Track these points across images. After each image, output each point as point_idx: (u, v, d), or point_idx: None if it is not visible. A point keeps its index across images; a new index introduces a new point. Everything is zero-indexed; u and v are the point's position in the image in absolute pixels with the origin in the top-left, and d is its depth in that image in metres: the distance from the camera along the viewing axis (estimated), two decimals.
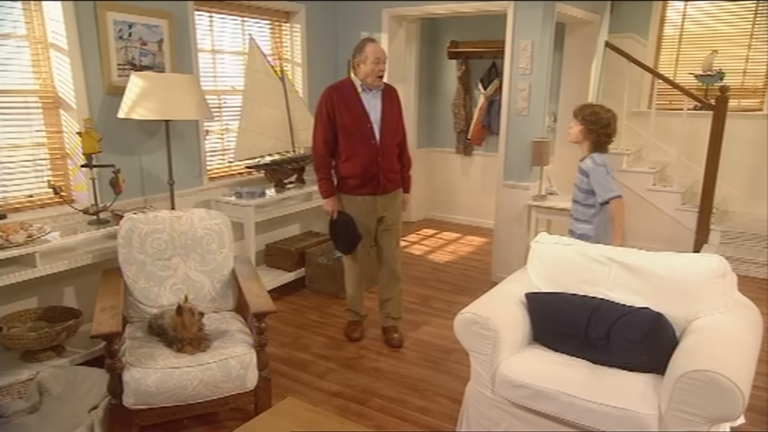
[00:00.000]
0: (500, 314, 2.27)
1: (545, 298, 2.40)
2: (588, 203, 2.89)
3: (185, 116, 3.13)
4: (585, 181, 2.88)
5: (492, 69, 5.73)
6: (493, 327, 2.19)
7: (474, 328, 2.23)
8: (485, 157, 6.03)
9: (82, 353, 2.86)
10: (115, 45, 3.11)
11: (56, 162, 3.09)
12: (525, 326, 2.36)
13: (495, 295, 2.49)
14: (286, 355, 3.24)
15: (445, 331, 3.56)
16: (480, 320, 2.21)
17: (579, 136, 2.87)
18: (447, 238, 5.78)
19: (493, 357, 2.21)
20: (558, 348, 2.30)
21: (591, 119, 2.82)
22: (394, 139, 3.12)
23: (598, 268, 2.40)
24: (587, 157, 2.89)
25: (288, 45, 4.53)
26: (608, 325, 2.18)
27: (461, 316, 2.27)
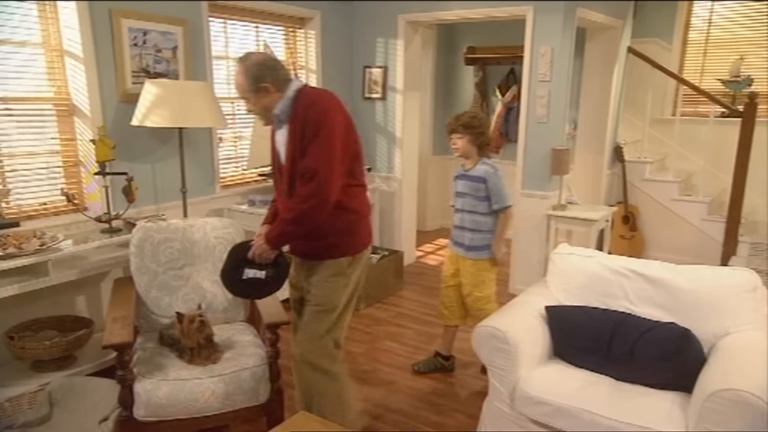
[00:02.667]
0: (519, 327, 2.25)
1: (566, 312, 2.37)
2: (487, 212, 2.90)
3: (199, 124, 3.16)
4: (482, 188, 2.87)
5: (510, 75, 5.72)
6: (512, 341, 2.17)
7: (492, 341, 2.21)
8: (502, 166, 5.72)
9: (93, 363, 2.88)
10: (129, 52, 3.16)
11: (69, 169, 3.14)
12: (545, 340, 2.34)
13: (514, 307, 2.47)
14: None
15: (461, 344, 3.52)
16: (498, 334, 2.19)
17: (467, 146, 2.87)
18: None
19: (512, 372, 2.19)
20: (579, 363, 2.27)
21: (473, 124, 2.84)
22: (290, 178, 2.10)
23: (621, 281, 2.37)
24: (479, 163, 2.89)
25: (302, 52, 4.57)
26: (632, 340, 2.15)
27: (479, 329, 2.26)
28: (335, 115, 2.00)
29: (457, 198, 3.01)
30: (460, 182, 2.97)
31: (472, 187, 2.89)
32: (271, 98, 2.06)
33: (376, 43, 4.75)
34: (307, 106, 1.99)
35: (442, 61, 6.13)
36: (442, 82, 6.21)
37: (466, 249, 2.98)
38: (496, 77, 5.83)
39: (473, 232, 2.94)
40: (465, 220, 2.95)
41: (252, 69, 2.03)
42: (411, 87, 4.78)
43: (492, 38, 5.72)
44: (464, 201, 2.95)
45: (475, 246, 2.94)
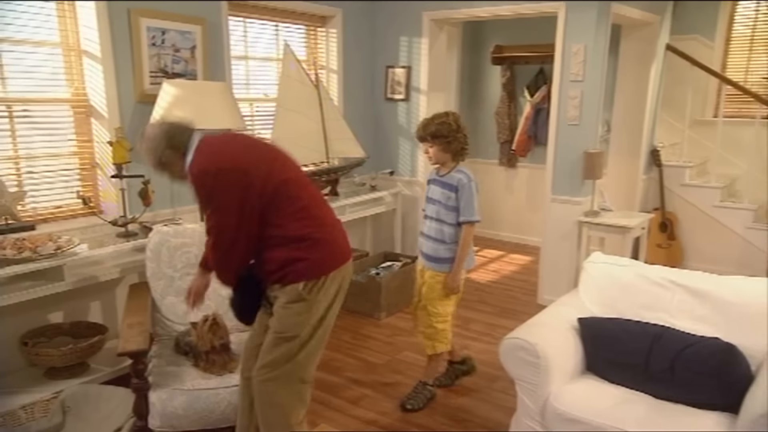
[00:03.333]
0: (550, 340, 2.21)
1: (600, 324, 2.33)
2: (453, 223, 2.80)
3: (217, 125, 3.19)
4: (452, 197, 2.77)
5: (539, 75, 5.67)
6: (542, 353, 2.14)
7: (521, 354, 2.18)
8: (531, 170, 5.96)
9: (107, 371, 2.92)
10: (147, 52, 3.22)
11: (85, 172, 3.20)
12: (577, 354, 2.30)
13: (544, 318, 2.43)
14: (316, 377, 3.16)
15: (487, 356, 3.49)
16: (528, 346, 2.16)
17: (439, 154, 2.77)
18: (489, 255, 5.72)
19: (542, 387, 2.16)
20: (615, 380, 2.22)
21: (441, 133, 2.71)
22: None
23: (659, 292, 2.33)
24: (453, 170, 2.80)
25: (323, 51, 4.60)
26: (672, 356, 2.10)
27: (507, 341, 2.23)
28: (227, 177, 1.92)
29: (428, 204, 2.92)
30: (432, 187, 2.88)
31: (443, 195, 2.80)
32: (179, 165, 2.03)
33: (399, 42, 4.76)
34: (196, 175, 1.95)
35: (467, 60, 6.11)
36: (468, 82, 6.19)
37: (431, 260, 2.87)
38: (525, 77, 5.79)
39: (437, 242, 2.83)
40: (433, 229, 2.85)
41: (148, 145, 2.06)
42: (435, 88, 4.78)
43: (520, 36, 5.69)
44: (434, 209, 2.85)
45: (439, 257, 2.83)
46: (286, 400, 2.07)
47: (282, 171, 2.04)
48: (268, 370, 2.04)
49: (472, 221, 2.79)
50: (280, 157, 2.09)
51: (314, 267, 2.02)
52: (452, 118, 2.76)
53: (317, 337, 2.08)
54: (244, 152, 2.02)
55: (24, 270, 2.53)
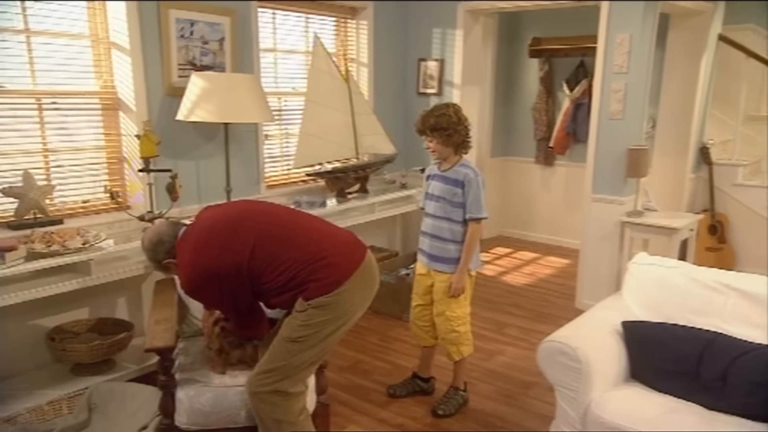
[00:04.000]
0: (592, 344, 2.18)
1: (646, 329, 2.28)
2: (460, 220, 2.77)
3: (246, 119, 3.24)
4: (459, 193, 2.73)
5: (579, 68, 5.61)
6: (583, 358, 2.11)
7: (561, 358, 2.15)
8: (569, 168, 5.89)
9: (133, 369, 2.98)
10: (176, 44, 3.28)
11: (113, 166, 3.28)
12: (621, 360, 2.26)
13: (585, 322, 2.40)
14: (344, 381, 3.25)
15: (523, 362, 3.46)
16: (568, 350, 2.13)
17: (441, 148, 2.74)
18: (523, 258, 5.68)
19: (584, 394, 2.12)
20: (662, 388, 2.18)
21: (441, 125, 2.69)
22: None
23: (711, 296, 2.27)
24: (458, 165, 2.77)
25: (353, 44, 4.62)
26: (725, 363, 2.05)
27: (546, 344, 2.21)
28: (206, 286, 2.15)
29: (428, 201, 2.88)
30: (433, 183, 2.85)
31: (448, 191, 2.77)
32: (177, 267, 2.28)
33: (432, 34, 4.75)
34: (186, 291, 2.26)
35: (503, 53, 6.07)
36: (504, 76, 6.15)
37: (439, 260, 2.84)
38: (564, 71, 5.73)
39: (447, 242, 2.80)
40: (439, 228, 2.82)
41: (148, 254, 2.34)
42: (469, 81, 4.75)
43: (560, 28, 5.63)
44: (437, 206, 2.81)
45: (451, 257, 2.80)
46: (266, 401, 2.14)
47: (246, 242, 2.14)
48: (262, 377, 2.12)
49: (479, 218, 2.76)
50: (243, 223, 2.20)
51: (315, 290, 2.11)
52: (452, 109, 2.74)
53: (316, 349, 2.14)
54: (207, 252, 2.15)
55: (52, 264, 2.59)
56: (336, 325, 2.15)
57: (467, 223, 2.77)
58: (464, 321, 2.89)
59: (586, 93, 5.43)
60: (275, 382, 2.11)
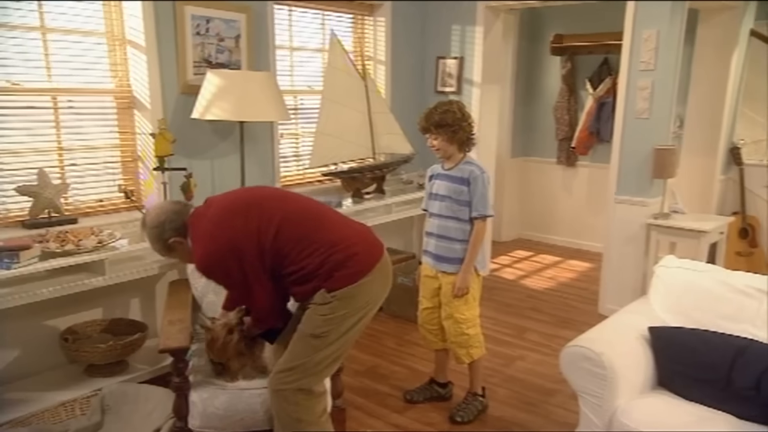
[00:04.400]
0: (617, 349, 2.15)
1: (674, 334, 2.25)
2: (467, 218, 2.78)
3: (262, 117, 3.25)
4: (465, 191, 2.74)
5: (603, 66, 5.58)
6: (608, 364, 2.08)
7: (585, 364, 2.13)
8: (592, 169, 5.86)
9: (146, 370, 3.00)
10: (191, 41, 3.30)
11: (127, 165, 3.31)
12: (648, 366, 2.23)
13: (610, 326, 2.37)
14: (360, 385, 3.25)
15: (544, 368, 3.43)
16: (593, 355, 2.11)
17: (446, 146, 2.75)
18: (544, 261, 5.66)
19: (609, 401, 2.10)
20: (691, 396, 2.14)
21: (446, 122, 2.69)
22: None
23: (743, 301, 2.23)
24: (462, 162, 2.78)
25: (371, 41, 4.63)
26: (758, 372, 2.01)
27: (569, 350, 2.18)
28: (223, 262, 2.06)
29: (432, 201, 2.88)
30: (437, 183, 2.85)
31: (454, 190, 2.77)
32: (186, 248, 2.18)
33: (451, 32, 4.74)
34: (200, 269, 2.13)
35: (524, 51, 6.05)
36: (525, 74, 6.13)
37: (445, 261, 2.83)
38: (587, 68, 5.70)
39: (454, 242, 2.80)
40: (445, 227, 2.81)
41: (152, 233, 2.19)
42: (489, 80, 4.74)
43: (583, 24, 5.59)
44: (443, 205, 2.81)
45: (458, 257, 2.80)
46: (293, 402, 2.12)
47: (271, 220, 2.09)
48: (285, 374, 2.10)
49: (485, 216, 2.77)
50: (265, 203, 2.15)
51: (341, 279, 2.09)
52: (456, 106, 2.76)
53: (337, 344, 2.13)
54: (229, 225, 2.08)
55: (66, 263, 2.62)
56: (356, 318, 2.13)
57: (472, 222, 2.78)
58: (474, 323, 2.88)
59: (610, 91, 5.40)
60: (298, 380, 2.09)
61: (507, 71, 5.86)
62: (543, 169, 6.21)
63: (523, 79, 6.13)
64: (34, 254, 2.57)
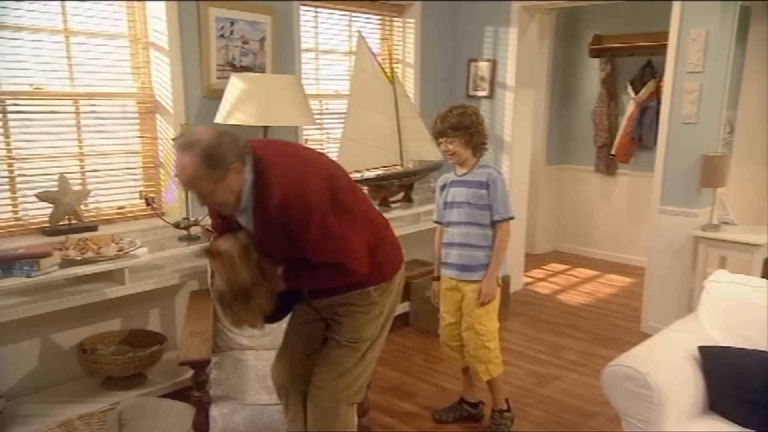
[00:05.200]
0: (664, 370, 2.10)
1: (727, 354, 2.19)
2: (487, 223, 2.78)
3: (287, 122, 3.28)
4: (484, 195, 2.75)
5: (646, 68, 5.51)
6: (654, 385, 2.03)
7: (629, 384, 2.09)
8: (633, 178, 5.79)
9: (165, 384, 3.03)
10: (215, 44, 3.35)
11: (149, 171, 3.37)
12: (697, 388, 2.17)
13: (655, 345, 2.33)
14: (386, 403, 3.23)
15: (582, 389, 3.37)
16: (637, 375, 2.06)
17: (461, 150, 2.75)
18: (581, 275, 5.60)
19: (655, 425, 2.05)
20: (745, 421, 2.08)
21: (464, 124, 2.70)
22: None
23: None
24: (477, 167, 2.80)
25: (399, 43, 4.65)
26: None
27: (612, 368, 2.14)
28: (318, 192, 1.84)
29: (448, 210, 2.87)
30: (452, 190, 2.85)
31: (473, 195, 2.77)
32: (238, 178, 1.84)
33: (484, 33, 4.73)
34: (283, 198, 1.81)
35: (561, 53, 6.02)
36: (561, 78, 6.10)
37: (469, 270, 2.82)
38: (629, 71, 5.63)
39: (476, 249, 2.80)
40: (466, 235, 2.80)
41: (211, 150, 1.75)
42: (524, 83, 4.71)
43: (624, 24, 5.54)
44: (462, 212, 2.81)
45: (481, 264, 2.80)
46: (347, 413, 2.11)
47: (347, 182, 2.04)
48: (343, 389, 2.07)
49: (508, 218, 2.78)
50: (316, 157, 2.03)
51: (384, 270, 2.10)
52: (471, 109, 2.79)
53: (380, 343, 2.17)
54: (318, 159, 1.98)
55: (86, 272, 2.67)
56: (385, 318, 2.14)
57: (494, 226, 2.78)
58: (494, 336, 2.86)
59: (654, 95, 5.33)
60: (357, 393, 2.12)
61: (542, 74, 5.83)
62: (580, 178, 6.15)
63: (560, 83, 6.09)
64: (54, 262, 2.62)
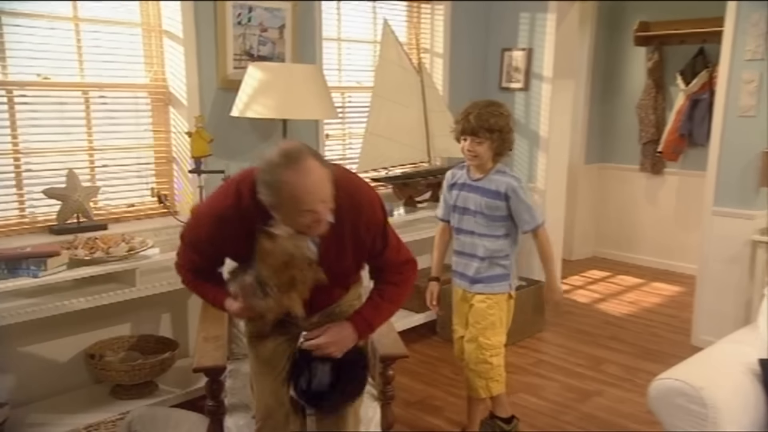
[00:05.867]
0: (720, 384, 2.07)
1: None
2: (501, 234, 2.78)
3: (307, 115, 3.30)
4: (502, 206, 2.71)
5: (698, 57, 5.45)
6: (709, 402, 2.00)
7: (680, 401, 2.05)
8: (682, 177, 5.73)
9: (177, 393, 3.07)
10: (232, 32, 3.39)
11: (161, 167, 3.41)
12: (758, 406, 2.13)
13: (709, 358, 2.29)
14: (412, 417, 3.23)
15: (626, 406, 3.35)
16: (690, 390, 2.03)
17: (487, 153, 2.68)
18: (624, 283, 5.57)
19: None
20: None
21: (499, 125, 2.62)
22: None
23: None
24: (493, 172, 2.73)
25: (427, 32, 4.65)
26: None
27: (661, 383, 2.11)
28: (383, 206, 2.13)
29: (459, 215, 2.81)
30: (464, 195, 2.78)
31: (487, 205, 2.72)
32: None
33: (519, 20, 4.72)
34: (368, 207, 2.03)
35: (603, 41, 5.99)
36: (603, 68, 6.06)
37: (472, 281, 2.81)
38: (678, 60, 5.58)
39: (484, 261, 2.78)
40: (477, 245, 2.78)
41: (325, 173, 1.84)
42: (562, 74, 4.68)
43: (673, 10, 5.48)
44: (474, 221, 2.76)
45: (489, 276, 2.78)
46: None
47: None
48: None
49: (539, 226, 2.78)
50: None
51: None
52: (506, 110, 2.71)
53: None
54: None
55: (95, 272, 2.71)
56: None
57: (533, 234, 2.78)
58: (498, 352, 2.83)
59: (707, 86, 5.27)
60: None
61: (582, 65, 5.80)
62: (623, 178, 6.10)
63: (602, 74, 6.06)
64: (62, 262, 2.67)
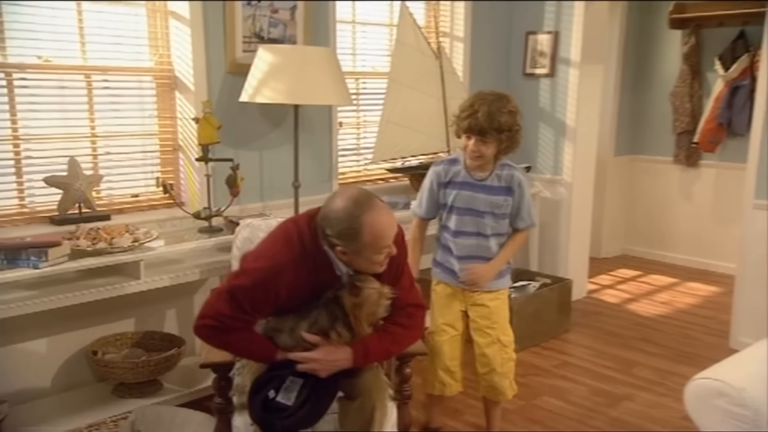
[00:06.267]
0: (763, 385, 2.02)
1: None
2: (505, 233, 2.80)
3: (320, 100, 3.28)
4: (507, 202, 2.72)
5: (738, 41, 5.41)
6: (751, 403, 1.95)
7: (719, 402, 2.01)
8: (720, 169, 5.69)
9: (182, 392, 3.07)
10: (242, 13, 3.38)
11: (167, 155, 3.42)
12: None
13: (750, 358, 2.24)
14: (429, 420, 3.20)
15: (659, 411, 3.33)
16: (731, 391, 1.98)
17: (491, 153, 2.67)
18: (656, 283, 5.55)
19: None
20: None
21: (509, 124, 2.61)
22: None
23: None
24: (498, 167, 2.73)
25: (447, 14, 4.62)
26: None
27: (698, 383, 2.07)
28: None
29: (459, 216, 2.77)
30: (466, 194, 2.74)
31: (496, 204, 2.71)
32: None
33: (544, 2, 4.69)
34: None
35: (635, 24, 5.96)
36: (635, 52, 6.04)
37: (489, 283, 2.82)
38: (717, 44, 5.54)
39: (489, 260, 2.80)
40: (484, 246, 2.76)
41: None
42: (591, 59, 4.65)
43: None
44: (482, 222, 2.73)
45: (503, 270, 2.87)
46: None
47: None
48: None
49: (531, 226, 2.84)
50: None
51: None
52: (514, 103, 2.67)
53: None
54: None
55: (97, 264, 2.71)
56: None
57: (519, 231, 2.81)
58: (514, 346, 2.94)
59: (747, 72, 5.24)
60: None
61: (612, 49, 5.77)
62: (656, 170, 6.07)
63: (633, 59, 6.03)
64: (63, 252, 2.66)
